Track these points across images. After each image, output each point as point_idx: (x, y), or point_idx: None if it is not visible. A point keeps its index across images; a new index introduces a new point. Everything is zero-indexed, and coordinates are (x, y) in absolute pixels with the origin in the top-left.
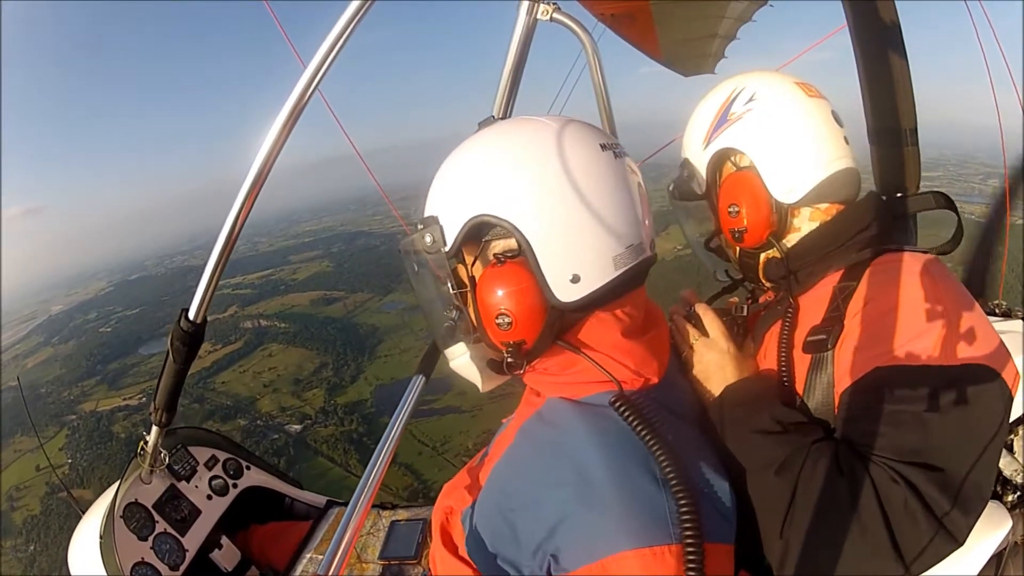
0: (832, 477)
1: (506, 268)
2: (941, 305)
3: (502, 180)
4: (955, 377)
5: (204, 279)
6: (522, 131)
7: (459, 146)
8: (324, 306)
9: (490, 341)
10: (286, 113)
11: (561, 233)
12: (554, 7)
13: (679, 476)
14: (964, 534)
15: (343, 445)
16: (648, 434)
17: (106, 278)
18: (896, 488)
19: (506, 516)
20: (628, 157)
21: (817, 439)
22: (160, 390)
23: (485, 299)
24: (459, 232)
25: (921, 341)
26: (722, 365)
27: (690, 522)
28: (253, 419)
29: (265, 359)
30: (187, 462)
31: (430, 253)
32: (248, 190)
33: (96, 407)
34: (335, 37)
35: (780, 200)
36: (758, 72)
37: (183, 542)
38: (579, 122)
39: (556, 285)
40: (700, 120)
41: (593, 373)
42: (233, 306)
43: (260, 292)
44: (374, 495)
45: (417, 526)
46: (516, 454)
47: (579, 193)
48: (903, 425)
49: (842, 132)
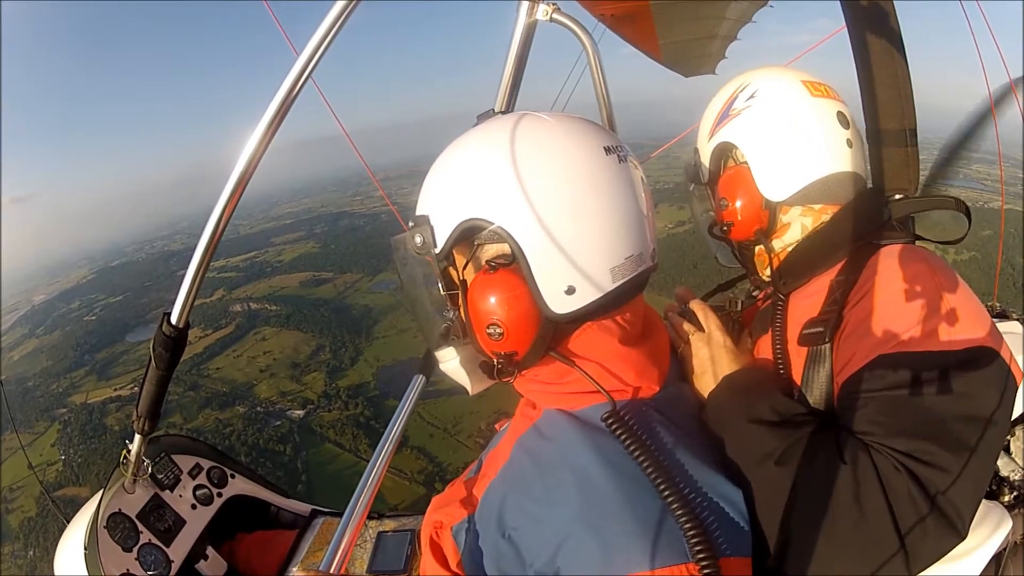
0: (834, 467)
1: (498, 276)
2: (939, 292)
3: (496, 182)
4: (956, 361)
5: (186, 282)
6: (521, 129)
7: (455, 141)
8: (314, 287)
9: (480, 348)
10: (275, 107)
11: (556, 242)
12: (554, 7)
13: (675, 495)
14: (966, 524)
15: (351, 430)
16: (640, 452)
17: (87, 265)
18: (900, 476)
19: (507, 535)
20: (632, 158)
21: (816, 429)
22: (143, 397)
23: (476, 307)
24: (450, 234)
25: (921, 328)
26: (718, 359)
27: (698, 541)
28: (252, 405)
29: (259, 343)
30: (171, 471)
31: (420, 254)
32: (233, 188)
33: (87, 399)
34: (327, 28)
35: (768, 198)
36: (769, 68)
37: (168, 553)
38: (583, 120)
39: (549, 296)
40: (710, 111)
41: (588, 384)
42: (220, 289)
43: (246, 275)
44: (369, 506)
45: (405, 537)
46: (515, 471)
47: (578, 200)
48: (905, 412)
49: (845, 134)
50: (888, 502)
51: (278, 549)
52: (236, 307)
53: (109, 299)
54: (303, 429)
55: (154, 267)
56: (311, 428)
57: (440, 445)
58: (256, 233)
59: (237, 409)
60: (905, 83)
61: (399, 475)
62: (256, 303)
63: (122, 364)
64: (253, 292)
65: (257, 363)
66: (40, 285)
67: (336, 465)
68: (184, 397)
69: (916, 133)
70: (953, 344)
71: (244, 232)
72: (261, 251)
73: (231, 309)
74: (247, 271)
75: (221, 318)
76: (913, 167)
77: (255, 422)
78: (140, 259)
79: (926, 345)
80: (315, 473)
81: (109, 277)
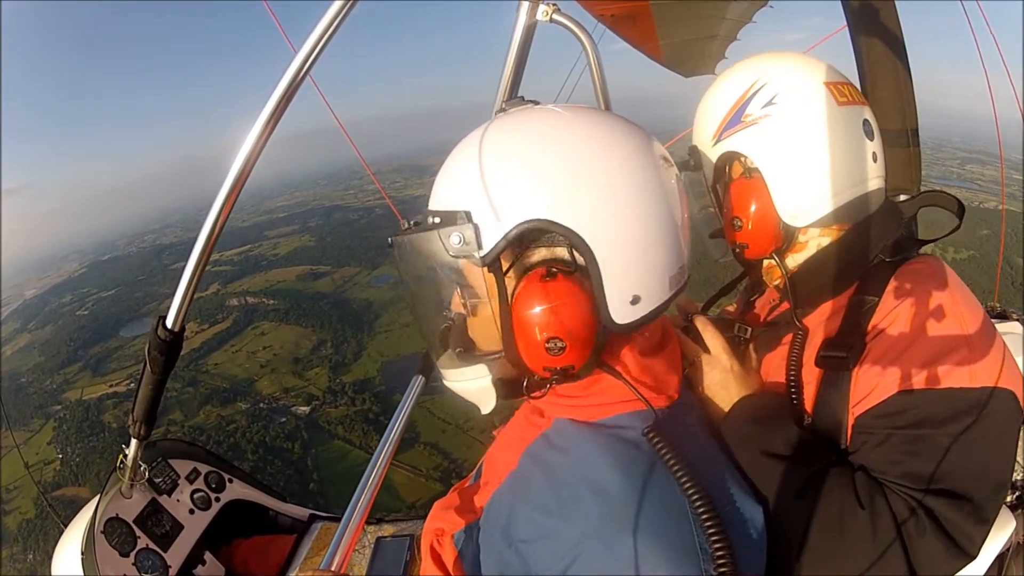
0: (851, 508)
1: (559, 285)
2: (961, 326)
3: (572, 183)
4: (975, 402)
5: (182, 285)
6: (586, 127)
7: (496, 129)
8: (312, 281)
9: (519, 362)
10: (272, 104)
11: (631, 250)
12: (554, 8)
13: (714, 517)
14: (978, 548)
15: (360, 426)
16: (681, 471)
17: (77, 259)
18: (915, 518)
19: (516, 547)
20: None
21: (831, 463)
22: (138, 401)
23: (531, 319)
24: (504, 235)
25: (942, 365)
26: (725, 384)
27: (725, 564)
28: (255, 402)
29: (258, 338)
30: (168, 475)
31: (456, 256)
32: (231, 185)
33: (81, 395)
34: (326, 24)
35: (788, 223)
36: (785, 61)
37: (165, 558)
38: (636, 124)
39: (615, 305)
40: (714, 109)
41: (614, 395)
42: (215, 283)
43: (242, 268)
44: (367, 512)
45: (404, 543)
46: (524, 481)
47: (650, 206)
48: (923, 453)
49: (871, 147)
50: (904, 544)
51: (276, 554)
52: (232, 301)
53: (101, 293)
54: (310, 426)
55: (147, 261)
56: (318, 425)
57: (453, 441)
58: (249, 226)
59: (239, 405)
60: (906, 83)
61: (415, 472)
62: (253, 297)
63: (117, 359)
64: (249, 286)
65: (257, 358)
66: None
67: (347, 463)
68: (183, 393)
69: (918, 133)
70: (974, 382)
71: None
72: (255, 244)
73: (227, 303)
74: (242, 264)
75: (217, 312)
76: (915, 167)
77: (259, 419)
78: (131, 252)
79: (947, 383)
80: (326, 471)
81: (101, 271)
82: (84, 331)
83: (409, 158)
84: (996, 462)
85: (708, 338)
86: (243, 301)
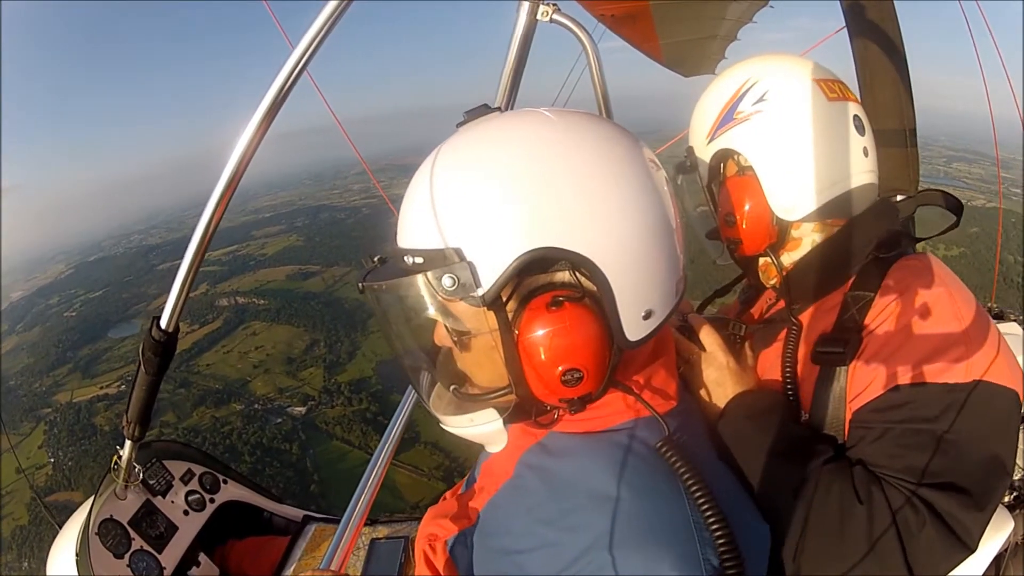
0: (849, 503)
1: (572, 313)
2: (957, 321)
3: (572, 203)
4: (972, 395)
5: (176, 285)
6: (576, 136)
7: (474, 147)
8: (302, 280)
9: (530, 396)
10: (267, 103)
11: (639, 264)
12: (554, 8)
13: (724, 529)
14: (976, 541)
15: (359, 426)
16: (695, 484)
17: (64, 260)
18: (913, 512)
19: (513, 558)
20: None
21: (828, 458)
22: (132, 403)
23: (544, 352)
24: (506, 270)
25: (939, 359)
26: (722, 381)
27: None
28: (249, 403)
29: (249, 338)
30: (162, 476)
31: (451, 299)
32: (225, 186)
33: (72, 398)
34: (323, 22)
35: (781, 217)
36: (776, 60)
37: (160, 559)
38: (623, 128)
39: (628, 324)
40: (707, 110)
41: (616, 406)
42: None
43: (230, 268)
44: (367, 512)
45: (399, 545)
46: (521, 490)
47: (649, 213)
48: (921, 446)
49: (863, 142)
50: (901, 539)
51: (270, 555)
52: (222, 301)
53: (89, 294)
54: (307, 426)
55: (134, 261)
56: (315, 425)
57: (453, 439)
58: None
59: (234, 406)
60: (904, 84)
61: (416, 472)
62: (243, 297)
63: (106, 361)
64: (239, 286)
65: (250, 359)
66: (18, 281)
67: (347, 463)
68: (176, 395)
69: (916, 133)
70: (971, 376)
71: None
72: (243, 245)
73: (217, 303)
74: (230, 264)
75: (208, 313)
76: (913, 167)
77: (255, 420)
78: (118, 253)
79: (944, 377)
80: (327, 472)
81: (87, 272)
82: (73, 333)
83: (396, 157)
84: (995, 455)
85: (704, 336)
86: (233, 301)
